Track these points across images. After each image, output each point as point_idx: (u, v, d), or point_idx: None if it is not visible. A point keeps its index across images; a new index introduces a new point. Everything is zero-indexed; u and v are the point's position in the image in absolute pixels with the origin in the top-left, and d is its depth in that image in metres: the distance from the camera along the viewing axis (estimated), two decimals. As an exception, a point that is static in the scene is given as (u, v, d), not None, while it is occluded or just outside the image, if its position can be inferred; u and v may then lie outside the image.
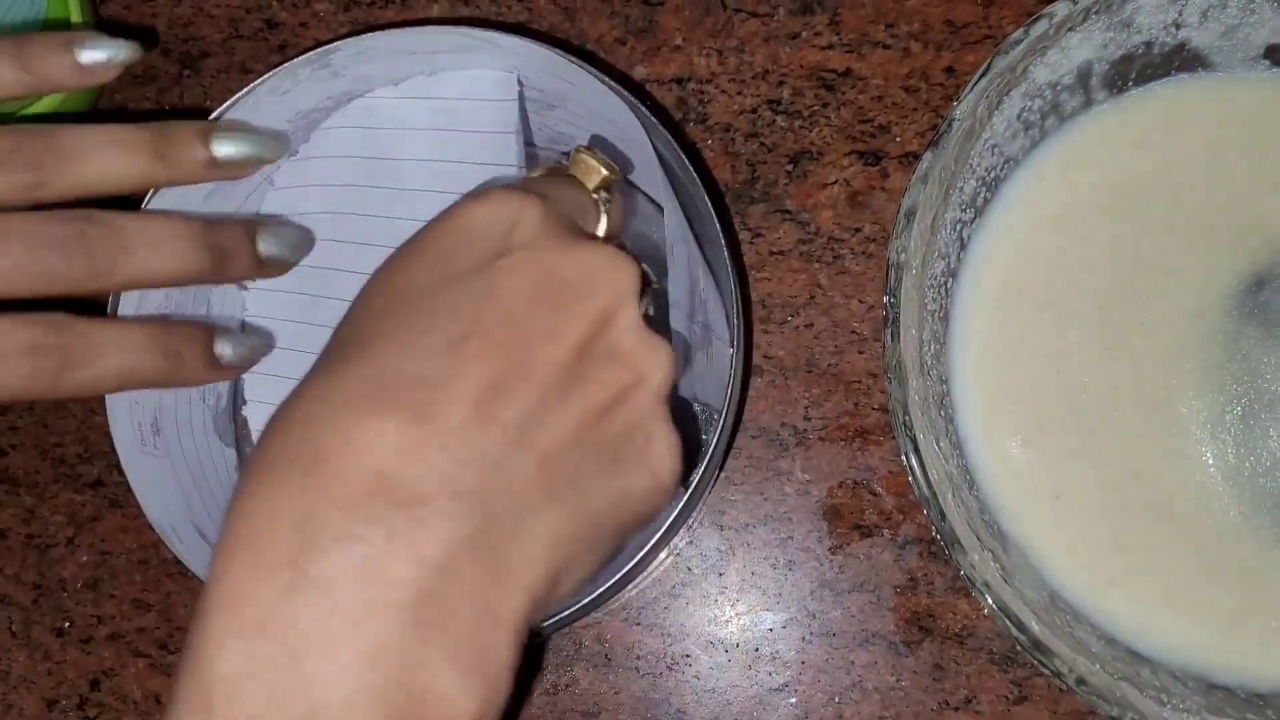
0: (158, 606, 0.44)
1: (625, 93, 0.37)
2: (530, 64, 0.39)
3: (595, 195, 0.33)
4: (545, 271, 0.29)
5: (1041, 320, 0.39)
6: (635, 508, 0.29)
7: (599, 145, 0.39)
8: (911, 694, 0.41)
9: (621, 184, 0.36)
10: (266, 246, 0.37)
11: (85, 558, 0.45)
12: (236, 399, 0.43)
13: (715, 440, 0.36)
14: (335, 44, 0.38)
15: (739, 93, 0.44)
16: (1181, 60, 0.38)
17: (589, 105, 0.39)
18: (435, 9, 0.46)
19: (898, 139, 0.43)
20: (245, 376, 0.41)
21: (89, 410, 0.45)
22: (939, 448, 0.35)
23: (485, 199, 0.30)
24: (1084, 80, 0.38)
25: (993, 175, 0.38)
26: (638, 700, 0.42)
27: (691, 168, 0.36)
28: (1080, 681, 0.33)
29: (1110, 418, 0.38)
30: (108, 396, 0.37)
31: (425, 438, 0.26)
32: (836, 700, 0.41)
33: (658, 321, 0.34)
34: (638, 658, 0.42)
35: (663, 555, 0.41)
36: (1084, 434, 0.38)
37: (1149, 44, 0.38)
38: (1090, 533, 0.37)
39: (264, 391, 0.42)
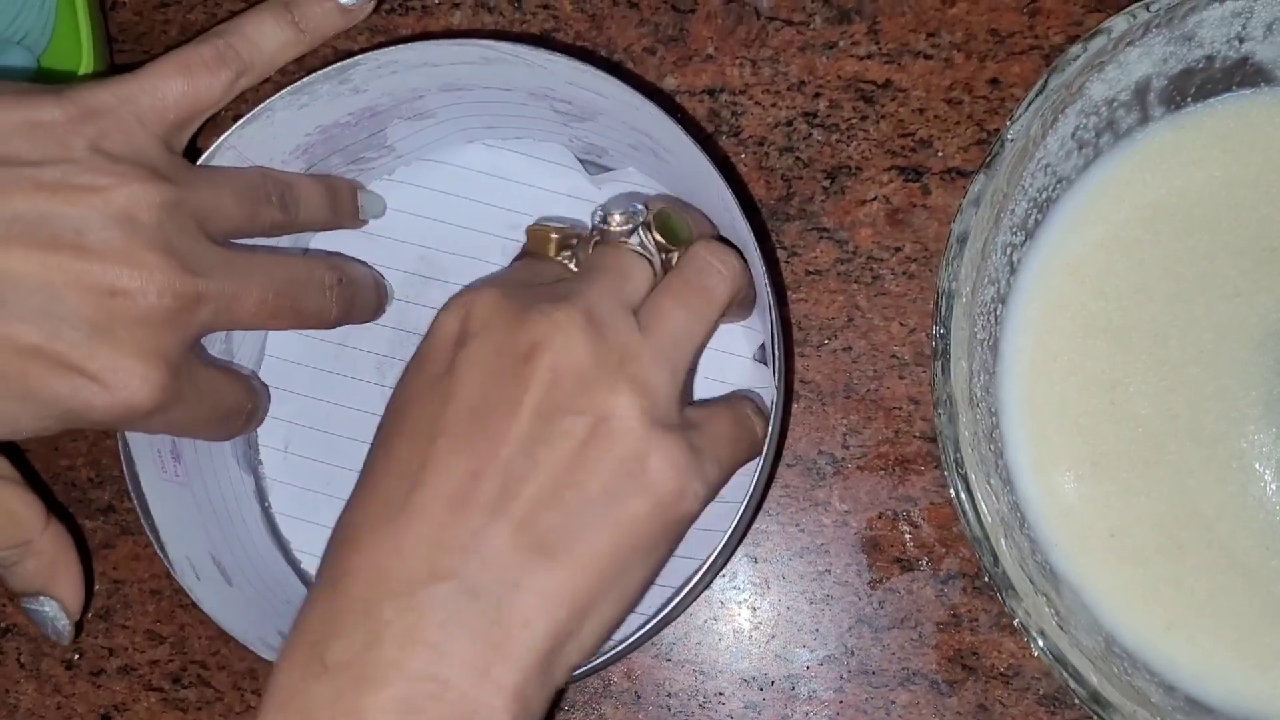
0: (171, 639, 0.43)
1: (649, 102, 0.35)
2: (557, 77, 0.37)
3: (558, 258, 0.37)
4: (495, 351, 0.32)
5: (1094, 348, 0.37)
6: (647, 530, 0.31)
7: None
8: (954, 735, 0.39)
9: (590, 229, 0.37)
10: (362, 211, 0.42)
11: (96, 587, 0.43)
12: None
13: (755, 478, 0.34)
14: (355, 58, 0.36)
15: (773, 105, 0.42)
16: (1244, 75, 0.37)
17: (621, 117, 0.38)
18: (456, 16, 0.44)
19: (940, 154, 0.41)
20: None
21: (100, 433, 0.44)
22: (989, 485, 0.34)
23: (445, 305, 0.34)
24: (1141, 96, 0.36)
25: (1044, 196, 0.37)
26: (668, 739, 0.40)
27: (725, 183, 0.35)
28: (1141, 735, 0.31)
29: (1167, 451, 0.36)
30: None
31: (414, 537, 0.30)
32: (875, 740, 0.40)
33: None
34: (668, 695, 0.40)
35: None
36: (1140, 469, 0.36)
37: (1210, 58, 0.36)
38: (1147, 573, 0.36)
39: (272, 438, 0.42)
